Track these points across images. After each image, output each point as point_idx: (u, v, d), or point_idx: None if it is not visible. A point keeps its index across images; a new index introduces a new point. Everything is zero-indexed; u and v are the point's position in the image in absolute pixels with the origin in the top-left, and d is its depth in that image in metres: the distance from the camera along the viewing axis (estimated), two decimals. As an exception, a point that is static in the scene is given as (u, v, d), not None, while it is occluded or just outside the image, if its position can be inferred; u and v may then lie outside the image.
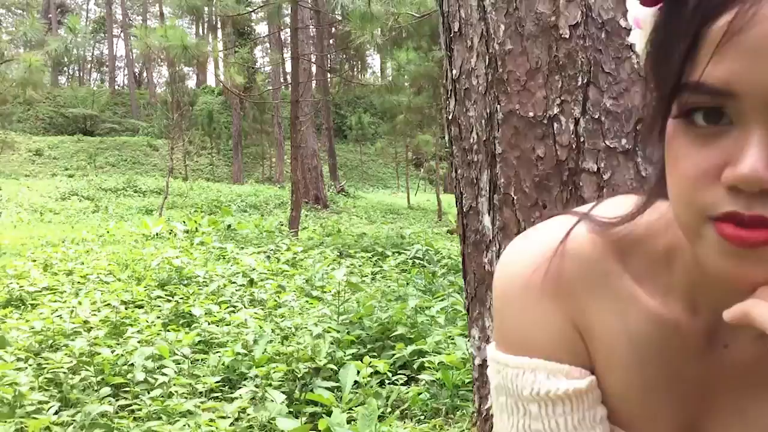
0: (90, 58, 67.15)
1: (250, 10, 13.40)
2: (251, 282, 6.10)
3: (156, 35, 11.09)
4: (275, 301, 5.20)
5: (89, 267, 6.67)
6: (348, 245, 9.25)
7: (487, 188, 2.00)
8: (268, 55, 52.28)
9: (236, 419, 3.02)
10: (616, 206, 0.75)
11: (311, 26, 18.20)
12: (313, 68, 21.38)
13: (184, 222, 11.49)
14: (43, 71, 9.82)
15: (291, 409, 3.17)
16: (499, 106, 1.95)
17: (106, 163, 37.56)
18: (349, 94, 41.18)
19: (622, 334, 0.72)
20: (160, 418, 3.00)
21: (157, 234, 10.17)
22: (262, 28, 46.02)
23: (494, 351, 0.76)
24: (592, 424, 0.72)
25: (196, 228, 10.82)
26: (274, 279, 6.22)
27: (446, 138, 2.24)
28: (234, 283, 5.98)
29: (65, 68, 61.47)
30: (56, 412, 3.16)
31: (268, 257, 7.81)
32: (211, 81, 49.99)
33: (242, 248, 8.38)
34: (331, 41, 38.59)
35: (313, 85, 26.22)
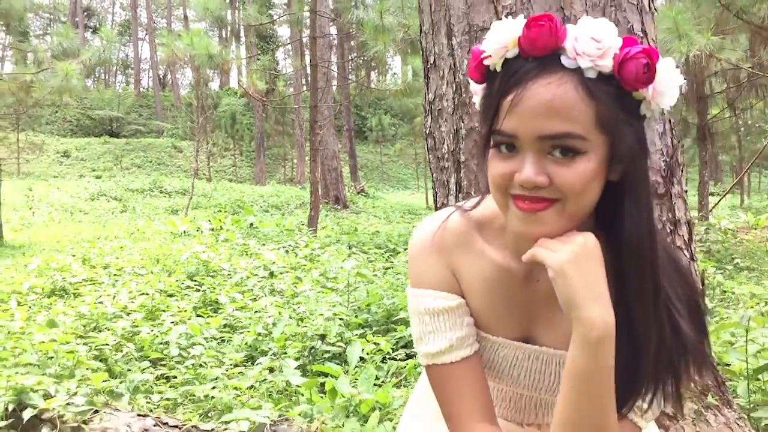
0: (115, 61, 68.00)
1: (272, 19, 13.94)
2: (271, 274, 6.60)
3: (183, 43, 11.65)
4: (293, 291, 5.70)
5: (124, 261, 7.23)
6: (362, 242, 9.75)
7: (454, 189, 2.50)
8: (289, 57, 52.93)
9: (254, 387, 3.53)
10: (475, 200, 1.28)
11: (330, 35, 18.71)
12: (334, 68, 21.87)
13: (209, 221, 12.04)
14: (78, 79, 10.46)
15: (305, 379, 3.67)
16: (462, 124, 2.45)
17: (132, 164, 38.07)
18: (369, 96, 41.53)
19: (478, 275, 1.24)
20: (192, 384, 3.52)
21: (184, 232, 10.72)
22: (284, 31, 46.60)
23: (408, 287, 1.28)
24: (461, 326, 1.23)
25: (221, 226, 11.37)
26: (292, 272, 6.71)
27: (425, 148, 2.73)
28: (256, 275, 6.46)
29: (92, 71, 62.34)
30: (104, 381, 3.69)
31: (287, 252, 8.33)
32: (233, 83, 50.58)
33: (263, 244, 8.88)
34: (352, 43, 39.05)
35: (334, 87, 26.72)
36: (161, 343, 4.23)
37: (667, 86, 1.03)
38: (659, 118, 2.33)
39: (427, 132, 2.61)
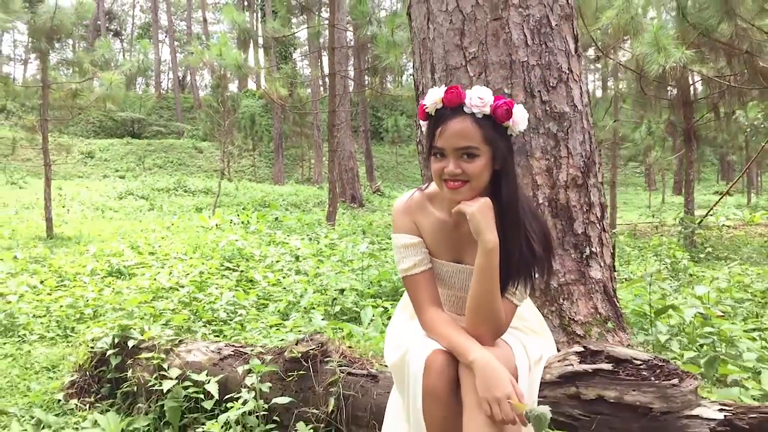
0: (137, 64, 69.05)
1: (293, 31, 15.00)
2: (297, 258, 7.60)
3: (212, 53, 12.68)
4: (315, 271, 6.68)
5: (168, 248, 8.26)
6: (376, 234, 10.77)
7: (436, 180, 3.44)
8: (307, 59, 53.98)
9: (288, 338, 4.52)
10: (427, 184, 2.28)
11: (347, 46, 19.72)
12: (351, 72, 22.86)
13: (237, 215, 13.09)
14: (120, 88, 11.53)
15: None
16: (441, 134, 3.39)
17: (154, 165, 39.02)
18: (385, 98, 42.41)
19: (428, 226, 2.25)
20: (240, 334, 4.53)
21: (216, 225, 11.76)
22: (302, 33, 47.59)
23: (393, 234, 2.28)
24: (420, 253, 2.24)
25: (248, 221, 12.43)
26: (314, 257, 7.70)
27: (417, 152, 3.72)
28: (283, 259, 7.48)
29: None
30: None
31: (310, 240, 9.35)
32: (251, 85, 51.56)
33: (288, 235, 9.91)
34: (368, 45, 39.95)
35: (351, 87, 27.74)
36: (211, 309, 5.24)
37: (520, 119, 2.02)
38: (579, 129, 3.30)
39: (418, 140, 3.59)
